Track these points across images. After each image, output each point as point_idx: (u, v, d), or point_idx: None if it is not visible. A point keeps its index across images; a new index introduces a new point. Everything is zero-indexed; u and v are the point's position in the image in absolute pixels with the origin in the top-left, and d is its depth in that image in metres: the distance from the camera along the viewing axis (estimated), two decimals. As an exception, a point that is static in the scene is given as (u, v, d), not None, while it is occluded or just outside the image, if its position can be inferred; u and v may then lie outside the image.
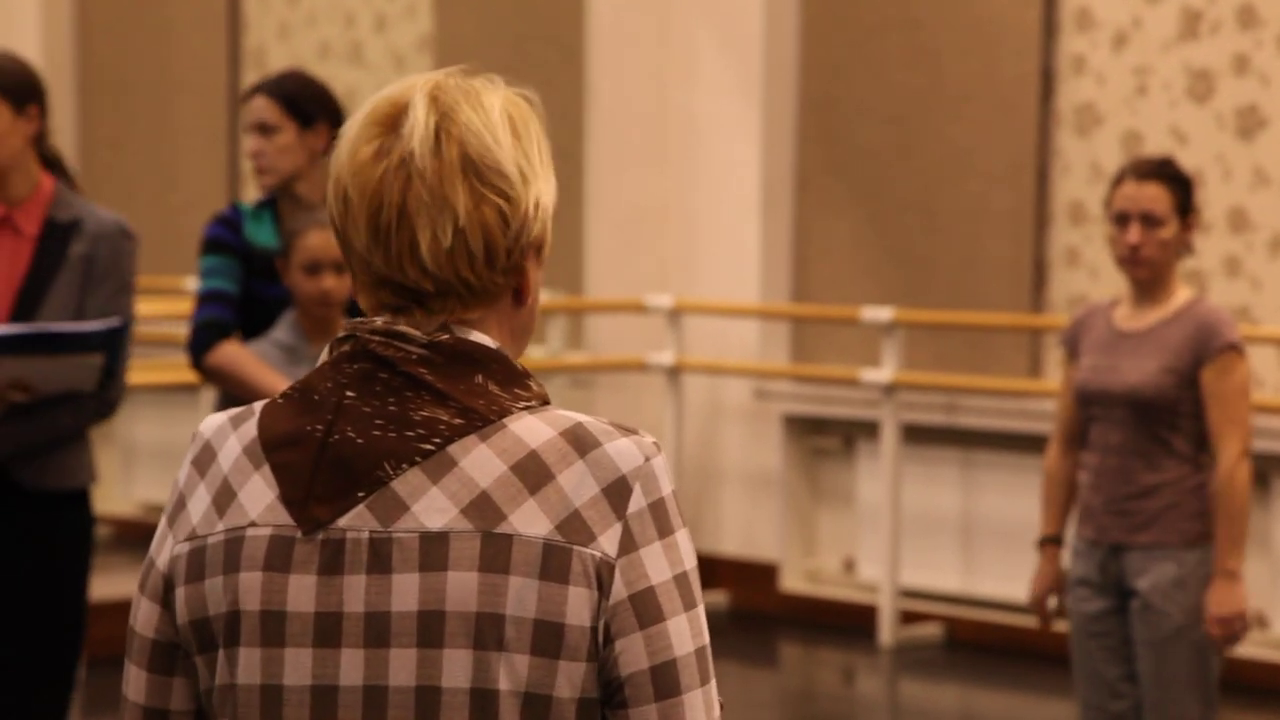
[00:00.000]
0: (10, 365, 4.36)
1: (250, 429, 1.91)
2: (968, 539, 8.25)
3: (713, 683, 1.87)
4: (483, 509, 1.83)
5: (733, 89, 8.74)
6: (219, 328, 4.80)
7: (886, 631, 8.07)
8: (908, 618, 8.18)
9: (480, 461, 1.84)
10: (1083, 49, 8.02)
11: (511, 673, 1.81)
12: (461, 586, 1.81)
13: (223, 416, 1.95)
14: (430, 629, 1.81)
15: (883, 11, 8.47)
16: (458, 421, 1.85)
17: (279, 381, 4.59)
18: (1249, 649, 7.40)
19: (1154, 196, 4.80)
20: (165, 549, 1.93)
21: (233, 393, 4.75)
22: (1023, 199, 8.14)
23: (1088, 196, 7.92)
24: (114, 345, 4.48)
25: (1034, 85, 8.08)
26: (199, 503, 1.91)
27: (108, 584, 6.18)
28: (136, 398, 8.97)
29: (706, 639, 1.87)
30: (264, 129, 4.96)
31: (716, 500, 8.89)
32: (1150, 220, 4.79)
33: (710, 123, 8.79)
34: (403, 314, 1.89)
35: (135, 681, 1.95)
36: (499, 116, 1.88)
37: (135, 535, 9.14)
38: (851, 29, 8.56)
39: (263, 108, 4.96)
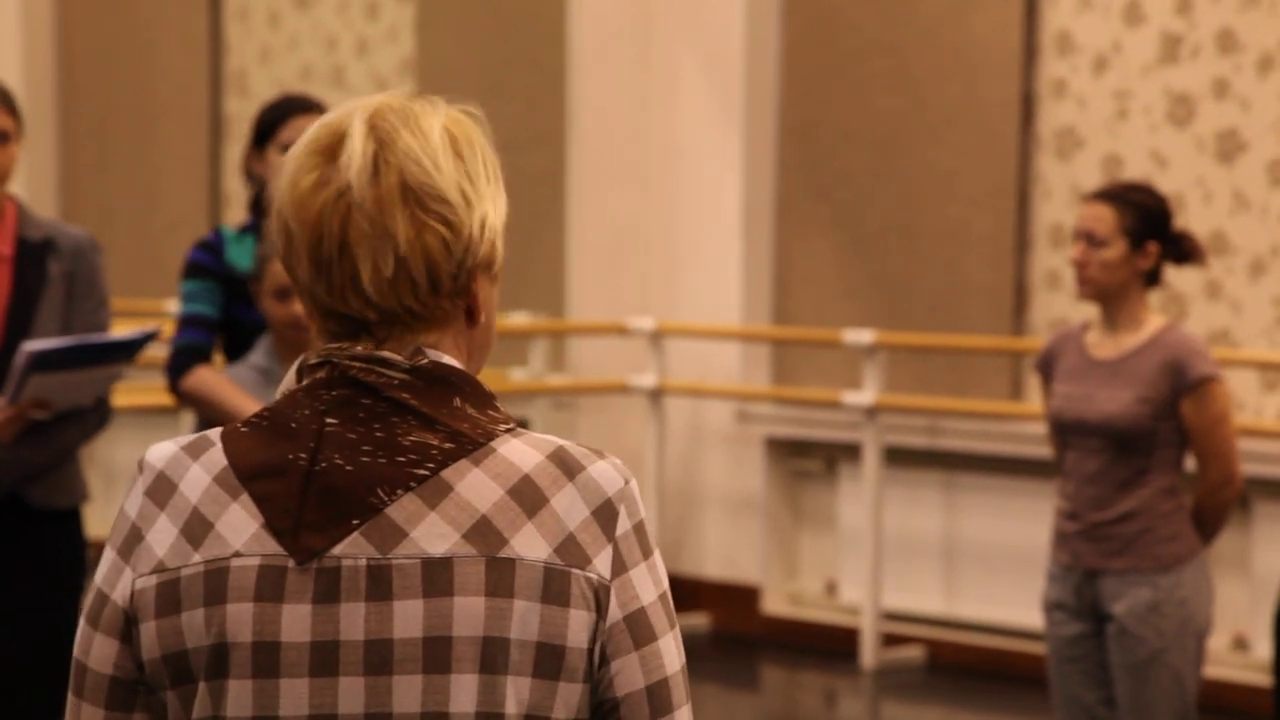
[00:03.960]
0: (39, 382, 4.38)
1: (216, 458, 1.88)
2: (950, 561, 8.26)
3: (689, 699, 1.90)
4: (484, 534, 1.83)
5: (714, 112, 8.75)
6: (195, 352, 4.81)
7: (868, 654, 8.07)
8: (889, 640, 8.17)
9: (476, 486, 1.84)
10: (1063, 73, 8.04)
11: (517, 695, 1.82)
12: (468, 611, 1.81)
13: (172, 445, 1.91)
14: (437, 654, 1.81)
15: (864, 36, 8.48)
16: (448, 445, 1.84)
17: (253, 406, 4.59)
18: (1228, 671, 7.41)
19: (1098, 216, 4.80)
20: (122, 582, 1.89)
21: (208, 416, 4.77)
22: (1003, 222, 8.15)
23: (1068, 220, 7.94)
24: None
25: (1014, 109, 8.10)
26: (162, 534, 1.87)
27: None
28: (117, 420, 8.94)
29: (684, 655, 1.90)
30: None
31: (698, 523, 8.89)
32: (1093, 239, 4.80)
33: (691, 146, 8.80)
34: (355, 343, 1.88)
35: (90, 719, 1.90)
36: (439, 139, 1.86)
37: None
38: (832, 53, 8.58)
39: None
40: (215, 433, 1.91)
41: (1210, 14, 7.68)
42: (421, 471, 1.83)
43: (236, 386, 4.70)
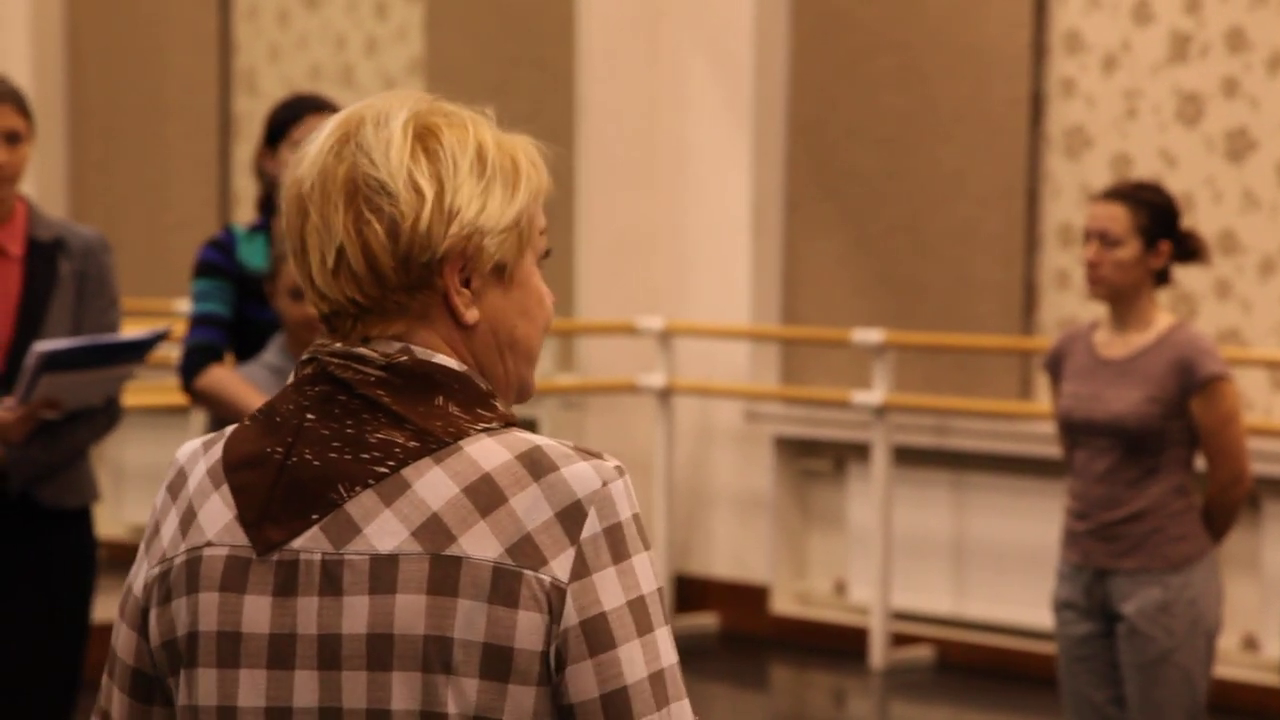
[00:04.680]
0: (50, 382, 4.39)
1: (217, 451, 1.92)
2: (959, 561, 8.25)
3: (674, 705, 1.83)
4: (433, 531, 1.81)
5: (723, 111, 8.75)
6: (209, 351, 4.82)
7: (877, 654, 8.06)
8: (899, 640, 8.17)
9: (433, 484, 1.83)
10: (1072, 72, 8.04)
11: (460, 696, 1.80)
12: (409, 609, 1.81)
13: (197, 442, 1.95)
14: (379, 652, 1.81)
15: (872, 34, 8.48)
16: (413, 444, 1.84)
17: None
18: (1238, 671, 7.40)
19: (1112, 216, 4.79)
20: (140, 574, 1.94)
21: (221, 415, 4.77)
22: (1013, 221, 8.15)
23: (1077, 219, 7.93)
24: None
25: (1024, 108, 8.10)
26: (169, 526, 1.92)
27: (98, 606, 6.16)
28: (126, 420, 8.94)
29: (666, 662, 1.83)
30: None
31: (707, 522, 8.89)
32: (1106, 239, 4.78)
33: (700, 145, 8.80)
34: (336, 334, 1.89)
35: (119, 705, 1.97)
36: (396, 131, 1.86)
37: (125, 557, 9.11)
38: (841, 52, 8.57)
39: None
40: (230, 428, 1.95)
41: (1219, 13, 7.67)
42: (382, 469, 1.83)
43: (251, 385, 4.71)
